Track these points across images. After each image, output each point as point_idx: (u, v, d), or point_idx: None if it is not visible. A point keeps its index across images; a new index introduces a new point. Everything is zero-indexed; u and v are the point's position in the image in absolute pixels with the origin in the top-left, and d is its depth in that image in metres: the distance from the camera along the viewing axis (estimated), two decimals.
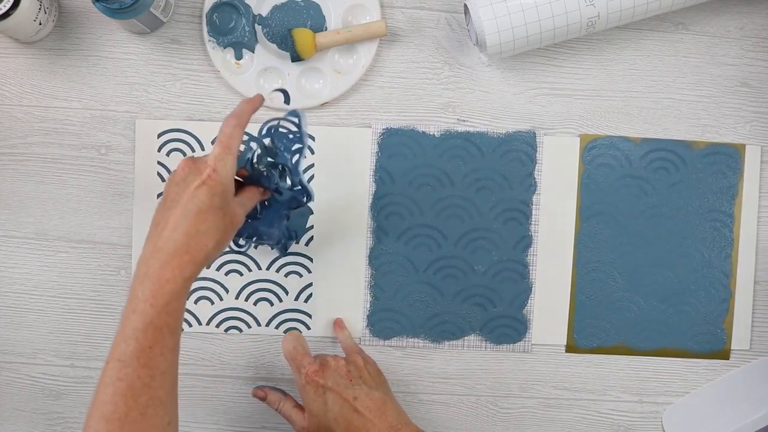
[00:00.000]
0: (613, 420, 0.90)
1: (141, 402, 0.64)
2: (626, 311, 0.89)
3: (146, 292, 0.66)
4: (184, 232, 0.67)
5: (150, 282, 0.66)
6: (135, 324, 0.65)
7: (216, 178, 0.68)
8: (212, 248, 0.68)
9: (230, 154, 0.69)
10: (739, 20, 0.88)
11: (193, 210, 0.67)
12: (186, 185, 0.68)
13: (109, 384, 0.64)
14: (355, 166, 0.87)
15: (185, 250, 0.67)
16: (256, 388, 0.85)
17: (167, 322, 0.66)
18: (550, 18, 0.80)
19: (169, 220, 0.67)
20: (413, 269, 0.88)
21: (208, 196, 0.67)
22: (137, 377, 0.64)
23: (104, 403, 0.64)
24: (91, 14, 0.86)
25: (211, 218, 0.68)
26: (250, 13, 0.85)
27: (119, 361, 0.65)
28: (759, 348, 0.90)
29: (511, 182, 0.87)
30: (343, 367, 0.79)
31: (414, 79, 0.87)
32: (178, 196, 0.68)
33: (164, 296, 0.65)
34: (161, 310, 0.65)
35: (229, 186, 0.69)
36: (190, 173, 0.69)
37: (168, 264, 0.66)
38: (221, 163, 0.69)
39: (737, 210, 0.89)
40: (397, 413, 0.78)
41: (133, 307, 0.66)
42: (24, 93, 0.86)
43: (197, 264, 0.67)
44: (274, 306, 0.87)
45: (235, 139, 0.70)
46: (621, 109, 0.88)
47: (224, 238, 0.69)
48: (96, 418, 0.64)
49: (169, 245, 0.66)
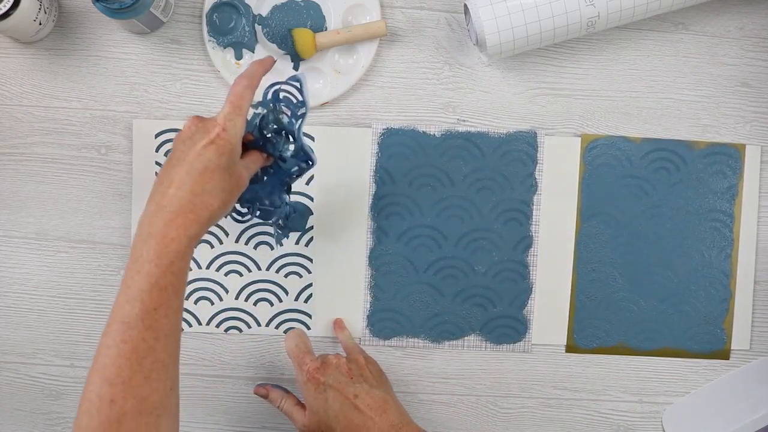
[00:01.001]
0: (613, 420, 0.90)
1: (145, 365, 0.63)
2: (626, 311, 0.89)
3: (150, 251, 0.64)
4: (189, 191, 0.65)
5: (154, 241, 0.64)
6: (140, 285, 0.64)
7: (225, 137, 0.67)
8: (217, 208, 0.67)
9: (240, 114, 0.68)
10: (739, 20, 0.88)
11: (199, 168, 0.66)
12: (193, 143, 0.67)
13: (112, 346, 0.63)
14: (355, 166, 0.87)
15: (190, 209, 0.65)
16: (257, 386, 0.85)
17: (172, 283, 0.64)
18: (550, 18, 0.80)
19: (174, 178, 0.66)
20: (413, 269, 0.88)
21: (216, 155, 0.66)
22: (142, 339, 0.63)
23: (107, 366, 0.62)
24: (91, 14, 0.86)
25: (218, 178, 0.66)
26: (250, 13, 0.85)
27: (123, 323, 0.63)
28: (759, 348, 0.90)
29: (512, 182, 0.87)
30: (344, 365, 0.79)
31: (414, 79, 0.87)
32: (185, 154, 0.67)
33: (169, 256, 0.64)
34: (166, 270, 0.64)
35: (237, 146, 0.68)
36: (198, 131, 0.68)
37: (172, 222, 0.65)
38: (231, 123, 0.67)
39: (737, 210, 0.89)
40: (399, 412, 0.78)
41: (137, 267, 0.64)
42: (24, 93, 0.86)
43: (202, 223, 0.66)
44: (274, 306, 0.87)
45: (246, 99, 0.69)
46: (621, 109, 0.88)
47: (229, 199, 0.68)
48: (98, 381, 0.62)
49: (173, 203, 0.65)
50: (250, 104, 0.69)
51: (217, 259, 0.87)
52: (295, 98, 0.75)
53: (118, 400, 0.62)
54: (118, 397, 0.62)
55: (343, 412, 0.77)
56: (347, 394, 0.77)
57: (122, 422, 0.61)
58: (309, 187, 0.87)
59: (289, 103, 0.75)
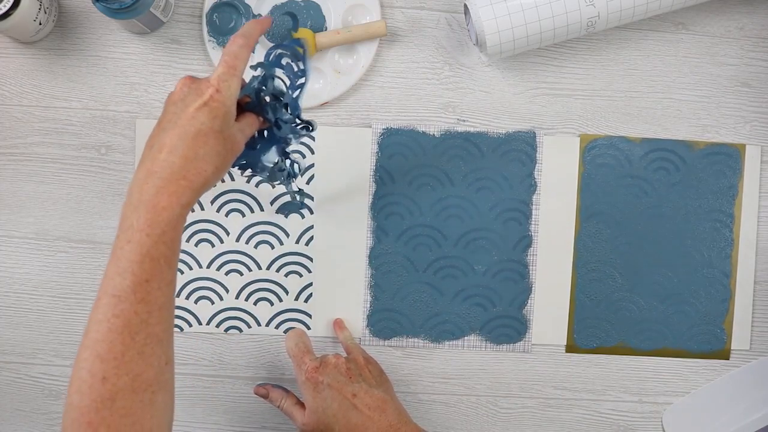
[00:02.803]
0: (613, 420, 0.90)
1: (138, 340, 0.60)
2: (626, 311, 0.89)
3: (141, 220, 0.61)
4: (181, 155, 0.62)
5: (145, 209, 0.61)
6: (130, 255, 0.60)
7: (219, 99, 0.64)
8: (211, 174, 0.63)
9: (235, 75, 0.65)
10: (739, 20, 0.88)
11: (191, 132, 0.63)
12: (185, 106, 0.64)
13: (103, 321, 0.60)
14: (355, 166, 0.87)
15: (182, 175, 0.62)
16: (257, 386, 0.85)
17: (164, 253, 0.61)
18: (550, 18, 0.80)
19: (165, 142, 0.63)
20: (413, 269, 0.88)
21: (209, 118, 0.63)
22: (134, 313, 0.60)
23: (98, 342, 0.59)
24: (91, 14, 0.86)
25: (211, 142, 0.63)
26: (250, 13, 0.85)
27: (114, 296, 0.60)
28: (759, 348, 0.90)
29: (511, 182, 0.88)
30: (343, 365, 0.79)
31: (414, 79, 0.87)
32: (176, 117, 0.63)
33: (160, 225, 0.61)
34: (158, 240, 0.61)
35: (232, 109, 0.65)
36: (190, 93, 0.64)
37: (164, 189, 0.61)
38: (225, 84, 0.64)
39: (737, 210, 0.89)
40: (397, 412, 0.78)
41: (128, 237, 0.61)
42: (24, 93, 0.86)
43: (195, 190, 0.63)
44: (274, 306, 0.88)
45: (242, 60, 0.65)
46: (621, 109, 0.88)
47: (223, 164, 0.65)
48: (90, 358, 0.59)
49: (165, 169, 0.62)
50: (246, 65, 0.66)
51: (217, 259, 0.87)
52: (296, 66, 0.73)
53: (111, 377, 0.59)
54: (111, 374, 0.59)
55: (341, 411, 0.77)
56: (346, 393, 0.77)
57: (115, 400, 0.59)
58: (309, 186, 0.87)
59: (289, 70, 0.72)
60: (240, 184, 0.86)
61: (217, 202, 0.86)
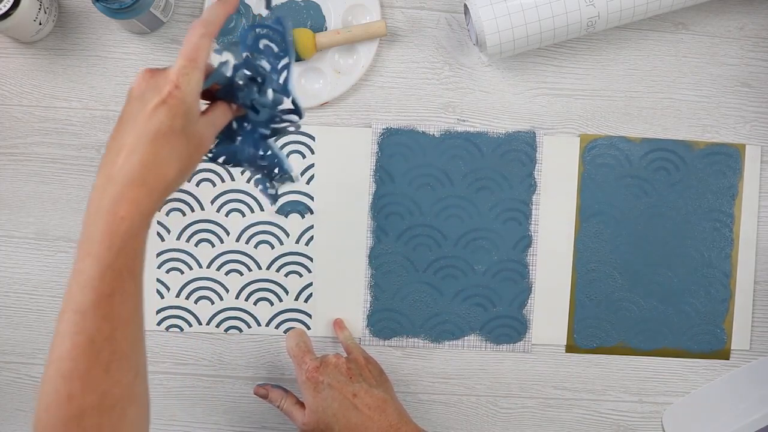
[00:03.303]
0: (613, 420, 0.90)
1: (103, 357, 0.57)
2: (626, 311, 0.89)
3: (100, 232, 0.57)
4: (140, 160, 0.58)
5: (103, 220, 0.57)
6: (90, 270, 0.57)
7: (178, 95, 0.59)
8: (173, 178, 0.59)
9: (196, 67, 0.60)
10: (739, 20, 0.88)
11: (150, 133, 0.58)
12: (143, 103, 0.59)
13: (66, 337, 0.57)
14: (355, 166, 0.87)
15: (141, 182, 0.58)
16: (257, 386, 0.85)
17: (126, 265, 0.57)
18: (550, 18, 0.80)
19: (124, 143, 0.58)
20: (413, 269, 0.88)
21: (169, 117, 0.58)
22: (98, 330, 0.57)
23: (62, 359, 0.56)
24: (91, 14, 0.86)
25: (172, 143, 0.58)
26: (250, 13, 0.85)
27: (76, 312, 0.57)
28: (759, 348, 0.90)
29: (511, 182, 0.87)
30: (343, 365, 0.79)
31: (414, 79, 0.87)
32: (134, 116, 0.59)
33: (120, 236, 0.57)
34: (119, 252, 0.57)
35: (194, 105, 0.60)
36: (149, 89, 0.59)
37: (122, 198, 0.57)
38: (185, 79, 0.59)
39: (737, 210, 0.89)
40: (398, 412, 0.78)
41: (87, 249, 0.57)
42: (24, 93, 0.86)
43: (156, 198, 0.59)
44: (274, 306, 0.88)
45: (203, 50, 0.60)
46: (621, 109, 0.88)
47: (188, 165, 0.60)
48: (54, 376, 0.57)
49: (122, 175, 0.58)
50: (209, 54, 0.61)
51: (217, 259, 0.87)
52: (276, 46, 0.65)
53: (77, 396, 0.56)
54: (77, 392, 0.56)
55: (342, 411, 0.77)
56: (346, 393, 0.77)
57: (83, 418, 0.56)
58: (309, 186, 0.87)
59: (269, 53, 0.65)
60: (240, 184, 0.86)
61: (217, 202, 0.86)
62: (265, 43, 0.65)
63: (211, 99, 0.65)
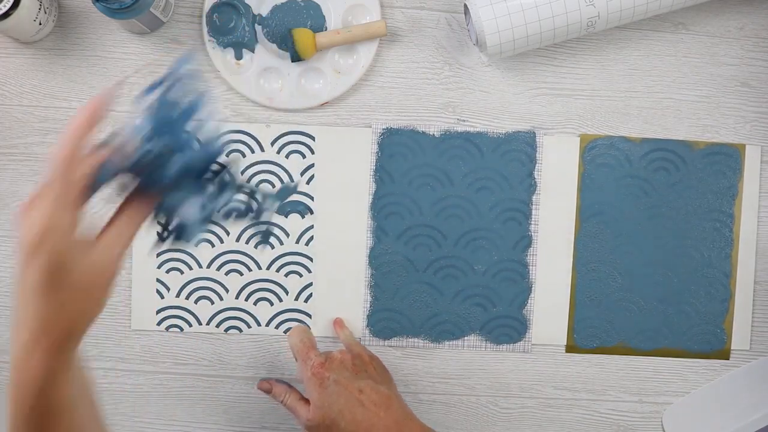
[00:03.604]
0: (613, 420, 0.90)
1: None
2: (626, 311, 0.89)
3: (17, 379, 0.55)
4: (33, 316, 0.54)
5: (17, 371, 0.55)
6: (15, 415, 0.56)
7: (45, 249, 0.53)
8: (76, 325, 0.55)
9: (66, 208, 0.53)
10: (739, 20, 0.88)
11: (31, 290, 0.53)
12: (19, 253, 0.54)
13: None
14: (355, 166, 0.87)
15: (39, 338, 0.54)
16: (261, 381, 0.85)
17: (49, 407, 0.55)
18: (550, 18, 0.80)
19: (18, 298, 0.55)
20: (413, 269, 0.88)
21: (40, 273, 0.53)
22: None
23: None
24: (91, 14, 0.86)
25: (60, 296, 0.54)
26: (250, 13, 0.85)
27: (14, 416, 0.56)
28: (759, 348, 0.90)
29: (511, 182, 0.88)
30: (349, 361, 0.79)
31: (414, 79, 0.87)
32: (18, 268, 0.54)
33: (36, 385, 0.55)
34: (38, 397, 0.55)
35: (70, 250, 0.54)
36: (22, 238, 0.54)
37: (30, 354, 0.54)
38: (50, 231, 0.53)
39: (737, 210, 0.89)
40: (403, 409, 0.78)
41: (11, 394, 0.56)
42: (24, 93, 0.86)
43: (62, 347, 0.55)
44: (274, 306, 0.88)
45: (73, 184, 0.54)
46: (621, 109, 0.88)
47: (91, 305, 0.56)
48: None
49: (23, 331, 0.54)
50: (82, 182, 0.54)
51: (217, 259, 0.87)
52: (187, 97, 0.57)
53: None
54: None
55: (348, 407, 0.77)
56: (352, 389, 0.77)
57: None
58: (309, 186, 0.87)
59: (177, 110, 0.56)
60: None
61: None
62: (173, 99, 0.57)
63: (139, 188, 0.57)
